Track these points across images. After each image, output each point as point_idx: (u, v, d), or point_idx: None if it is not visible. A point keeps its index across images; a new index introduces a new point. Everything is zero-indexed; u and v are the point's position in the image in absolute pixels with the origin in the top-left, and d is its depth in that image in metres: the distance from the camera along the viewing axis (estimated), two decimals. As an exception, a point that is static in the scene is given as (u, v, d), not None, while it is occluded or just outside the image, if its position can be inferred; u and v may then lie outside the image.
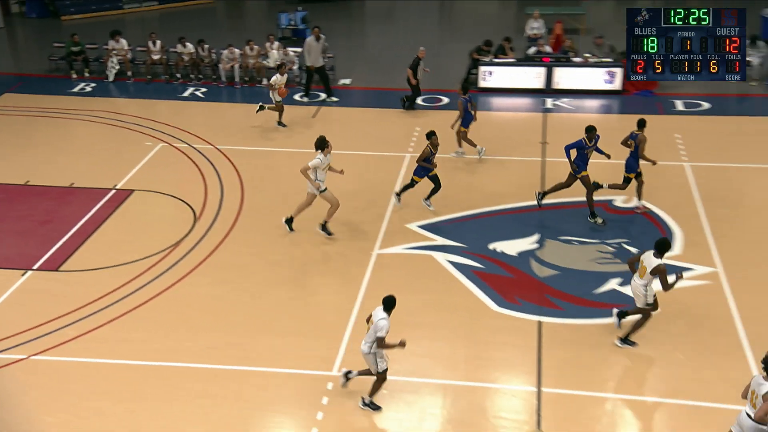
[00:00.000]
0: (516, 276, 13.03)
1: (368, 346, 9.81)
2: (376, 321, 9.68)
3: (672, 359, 10.88)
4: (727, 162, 16.21)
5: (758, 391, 8.37)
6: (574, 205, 14.98)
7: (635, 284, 10.90)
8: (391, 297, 9.79)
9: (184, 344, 11.47)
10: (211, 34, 24.59)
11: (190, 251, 13.84)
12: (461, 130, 16.85)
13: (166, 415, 10.17)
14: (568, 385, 10.50)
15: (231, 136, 18.65)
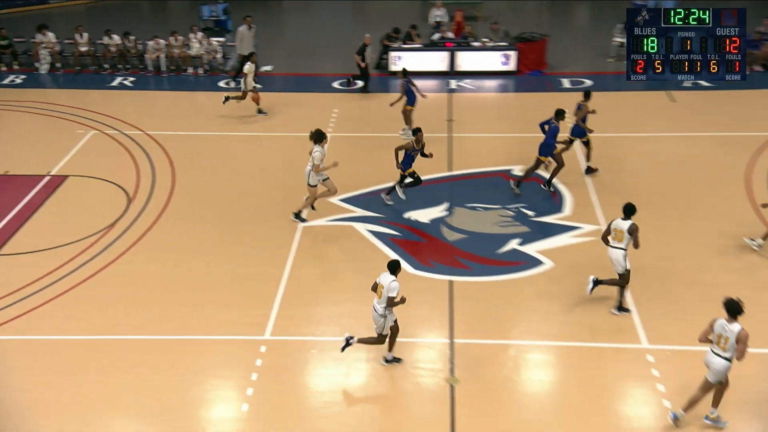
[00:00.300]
0: (429, 241, 13.15)
1: (382, 308, 9.76)
2: (388, 284, 9.62)
3: (565, 308, 11.21)
4: (609, 132, 16.70)
5: (726, 334, 8.49)
6: (479, 176, 15.20)
7: (616, 252, 10.81)
8: (395, 261, 9.85)
9: (122, 319, 11.13)
10: (137, 26, 23.63)
11: (124, 232, 13.39)
12: (407, 108, 16.78)
13: (109, 384, 9.87)
14: (477, 335, 10.71)
15: (160, 121, 18.05)
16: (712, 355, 8.67)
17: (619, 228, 10.79)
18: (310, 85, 20.56)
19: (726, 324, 8.52)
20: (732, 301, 8.52)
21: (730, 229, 12.76)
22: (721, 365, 8.59)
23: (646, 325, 10.62)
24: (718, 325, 8.62)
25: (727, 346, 8.50)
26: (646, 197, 14.04)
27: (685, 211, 13.46)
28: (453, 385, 9.77)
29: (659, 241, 12.58)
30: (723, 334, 8.52)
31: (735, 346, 8.44)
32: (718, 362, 8.61)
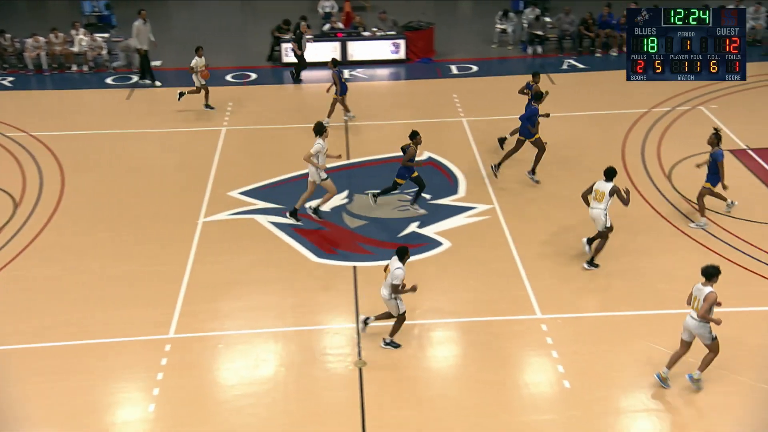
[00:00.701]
0: (331, 229, 13.11)
1: (388, 292, 9.75)
2: (393, 270, 9.60)
3: (464, 286, 11.49)
4: (496, 115, 17.18)
5: (699, 296, 8.82)
6: (377, 162, 15.29)
7: (596, 211, 11.23)
8: (404, 247, 9.76)
9: (18, 327, 10.49)
10: (14, 24, 22.13)
11: (12, 237, 12.59)
12: (338, 98, 16.66)
13: (9, 396, 9.29)
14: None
15: (45, 122, 17.04)
16: (688, 317, 9.03)
17: (600, 189, 11.25)
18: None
19: (701, 286, 8.88)
20: (708, 266, 8.86)
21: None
22: (692, 325, 8.95)
23: (538, 297, 11.04)
24: (695, 288, 8.99)
25: (698, 306, 8.86)
26: (538, 170, 14.54)
27: (571, 187, 14.04)
28: (361, 368, 9.83)
29: (547, 215, 13.08)
30: (697, 296, 8.88)
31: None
32: (689, 322, 8.98)
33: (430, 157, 15.40)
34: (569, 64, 20.00)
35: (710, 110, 16.48)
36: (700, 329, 8.93)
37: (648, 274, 11.46)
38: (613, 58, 20.24)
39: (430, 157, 15.41)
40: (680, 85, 17.61)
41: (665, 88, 17.57)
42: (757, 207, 12.94)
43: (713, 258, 11.61)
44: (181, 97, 17.44)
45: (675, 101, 17.03)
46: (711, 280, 8.82)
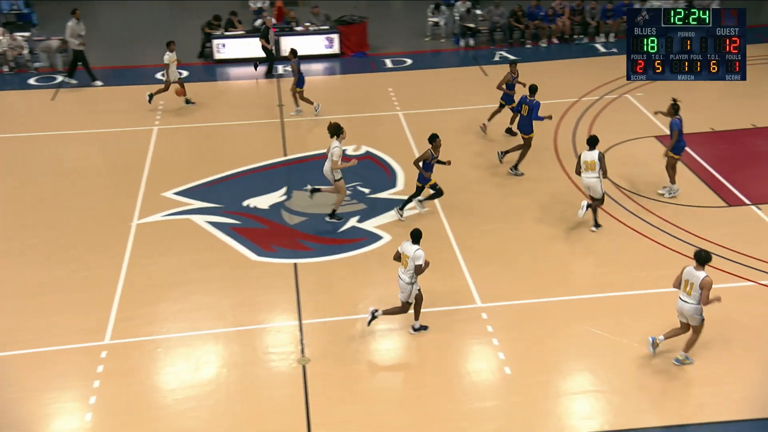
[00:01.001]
0: (270, 227, 12.94)
1: (409, 277, 9.77)
2: (413, 252, 9.67)
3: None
4: (430, 108, 17.28)
5: (692, 280, 8.96)
6: (315, 158, 15.17)
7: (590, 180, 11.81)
8: (417, 230, 9.84)
9: (-59, 343, 9.97)
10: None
11: (-66, 248, 11.96)
12: (296, 90, 16.51)
13: (-69, 417, 8.81)
14: (325, 314, 10.73)
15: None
16: (681, 301, 9.20)
17: (589, 159, 11.69)
18: (131, 78, 19.40)
19: (693, 271, 9.03)
20: (701, 251, 9.06)
21: (545, 192, 13.68)
22: (690, 309, 9.13)
23: (478, 286, 11.16)
24: (686, 272, 9.13)
25: (692, 291, 9.02)
26: (471, 165, 14.69)
27: (507, 177, 14.22)
28: (305, 365, 9.74)
29: (485, 206, 13.24)
30: (689, 281, 9.04)
31: (699, 291, 8.96)
32: (687, 307, 9.15)
33: (368, 152, 15.38)
34: (501, 55, 20.27)
35: (636, 98, 16.97)
36: (695, 312, 9.14)
37: (584, 260, 11.73)
38: (543, 49, 20.62)
39: (368, 152, 15.38)
40: (607, 74, 18.08)
41: (593, 78, 18.01)
42: (683, 190, 13.38)
43: (645, 242, 11.99)
44: (150, 99, 17.02)
45: (603, 90, 17.47)
46: (704, 265, 9.00)
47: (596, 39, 20.82)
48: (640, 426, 8.66)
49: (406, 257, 9.86)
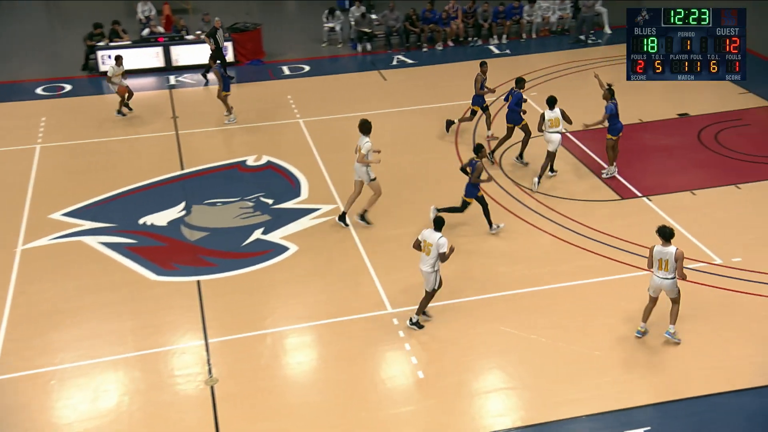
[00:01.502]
0: (169, 244, 12.57)
1: (431, 265, 9.92)
2: (437, 240, 9.78)
3: (313, 289, 11.46)
4: (332, 114, 17.30)
5: (666, 257, 9.32)
6: (214, 170, 14.88)
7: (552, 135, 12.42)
8: (440, 217, 9.91)
9: None
10: None
11: None
12: (225, 94, 16.30)
13: None
14: (231, 331, 10.52)
15: None
16: (659, 279, 9.56)
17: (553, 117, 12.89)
18: (8, 94, 18.39)
19: (663, 248, 9.41)
20: (664, 227, 9.40)
21: (450, 193, 13.96)
22: (670, 284, 9.54)
23: (388, 292, 11.25)
24: (656, 251, 9.48)
25: (669, 267, 9.41)
26: (376, 170, 14.79)
27: (411, 180, 14.46)
28: (212, 386, 9.51)
29: (391, 211, 13.36)
30: (663, 258, 9.40)
31: (675, 265, 9.37)
32: (668, 283, 9.53)
33: (270, 161, 15.22)
34: (398, 59, 20.57)
35: (531, 97, 17.61)
36: (674, 286, 9.63)
37: (489, 258, 12.04)
38: (439, 52, 21.07)
39: (269, 161, 15.23)
40: (502, 75, 18.70)
41: (489, 79, 18.56)
42: (579, 186, 14.01)
43: (546, 238, 12.45)
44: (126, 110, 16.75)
45: (499, 91, 18.03)
46: (670, 239, 9.45)
47: (490, 41, 21.47)
48: (555, 419, 8.95)
49: (429, 245, 9.97)
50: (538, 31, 21.88)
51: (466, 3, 21.52)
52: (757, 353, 9.86)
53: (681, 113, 16.55)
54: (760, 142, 15.08)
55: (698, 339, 10.09)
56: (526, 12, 21.56)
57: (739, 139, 15.26)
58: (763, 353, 9.87)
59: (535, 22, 21.70)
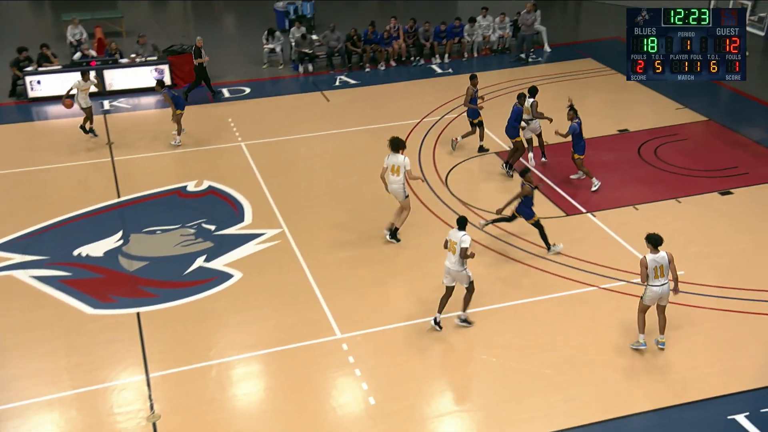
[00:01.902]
0: (107, 275, 12.28)
1: (460, 263, 10.41)
2: (460, 237, 10.27)
3: (259, 317, 11.33)
4: (275, 137, 17.25)
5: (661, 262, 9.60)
6: (152, 197, 14.63)
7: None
8: (463, 216, 10.52)
9: None
10: None
11: None
12: (177, 113, 16.28)
13: None
14: (173, 364, 10.30)
15: None
16: (659, 287, 9.76)
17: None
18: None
19: (655, 256, 9.64)
20: (652, 235, 9.68)
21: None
22: (668, 290, 9.85)
23: (336, 316, 11.21)
24: (650, 261, 9.65)
25: (665, 272, 9.67)
26: (319, 193, 14.82)
27: (357, 201, 14.49)
28: (155, 422, 9.27)
29: (337, 233, 13.36)
30: (658, 265, 9.64)
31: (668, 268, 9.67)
32: (667, 288, 9.80)
33: (211, 186, 15.06)
34: (341, 80, 20.68)
35: (475, 116, 17.94)
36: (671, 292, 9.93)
37: (437, 279, 12.10)
38: (381, 72, 21.28)
39: (210, 186, 15.06)
40: (446, 94, 19.00)
41: (433, 98, 18.84)
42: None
43: (492, 256, 12.61)
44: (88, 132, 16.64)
45: (443, 110, 18.31)
46: (659, 245, 9.66)
47: (432, 60, 21.81)
48: (506, 438, 9.04)
49: (454, 243, 10.38)
50: (480, 50, 22.33)
51: (408, 22, 21.84)
52: (704, 364, 10.17)
53: (621, 129, 17.08)
54: (697, 156, 15.67)
55: (646, 354, 10.35)
56: (467, 31, 21.99)
57: (677, 153, 15.83)
58: (711, 364, 10.19)
59: (476, 41, 22.16)
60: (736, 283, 11.65)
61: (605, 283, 11.84)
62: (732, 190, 14.33)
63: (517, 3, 22.79)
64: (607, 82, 19.79)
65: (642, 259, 9.86)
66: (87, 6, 25.88)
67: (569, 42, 23.04)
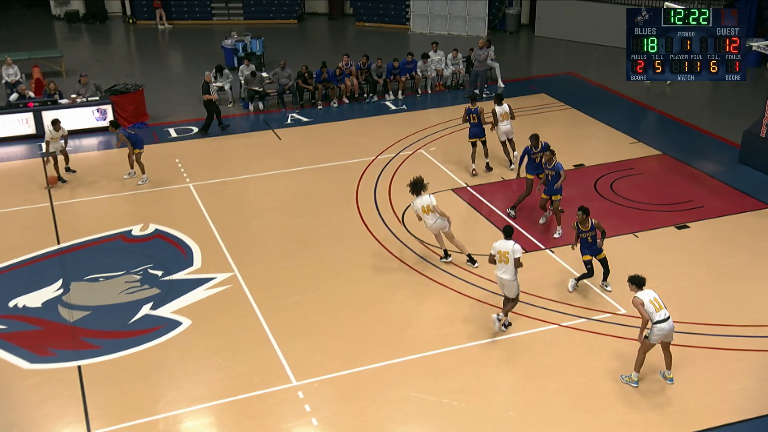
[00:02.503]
0: (45, 327, 11.93)
1: (513, 273, 10.80)
2: (512, 247, 10.81)
3: (210, 365, 11.11)
4: (225, 177, 17.13)
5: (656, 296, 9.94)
6: (95, 242, 14.33)
7: None
8: (509, 226, 10.97)
9: None
10: None
11: None
12: (136, 152, 16.38)
13: None
14: (117, 419, 10.00)
15: None
16: (665, 322, 9.96)
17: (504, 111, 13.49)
18: None
19: (647, 294, 10.00)
20: (635, 277, 10.11)
21: (356, 250, 14.03)
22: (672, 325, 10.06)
23: (291, 363, 11.05)
24: (646, 299, 9.94)
25: (662, 303, 10.03)
26: (272, 234, 14.71)
27: (311, 241, 14.42)
28: (99, 484, 8.94)
29: (291, 275, 13.25)
30: (652, 298, 9.99)
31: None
32: (671, 322, 10.03)
33: (158, 230, 14.84)
34: (293, 118, 20.74)
35: (430, 152, 18.14)
36: None
37: (396, 320, 12.09)
38: (334, 109, 21.42)
39: (157, 230, 14.84)
40: (400, 131, 19.22)
41: (387, 135, 19.03)
42: (481, 240, 14.39)
43: (452, 296, 12.64)
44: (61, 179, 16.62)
45: (398, 147, 18.47)
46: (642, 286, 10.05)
47: (386, 97, 22.06)
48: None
49: (505, 253, 10.84)
50: (433, 86, 22.70)
51: (360, 59, 22.11)
52: (669, 402, 10.28)
53: (577, 164, 17.45)
54: (653, 190, 16.08)
55: (614, 393, 10.43)
56: (420, 67, 22.36)
57: (633, 188, 16.22)
58: (675, 402, 10.30)
59: (430, 77, 22.53)
60: (695, 318, 11.88)
61: (566, 320, 11.95)
62: (688, 224, 14.71)
63: (471, 39, 23.29)
64: (560, 117, 20.28)
65: (634, 299, 10.05)
66: (24, 45, 25.59)
67: (522, 77, 23.60)
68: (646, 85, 22.32)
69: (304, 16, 31.16)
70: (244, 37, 24.92)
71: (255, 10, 30.40)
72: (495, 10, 28.61)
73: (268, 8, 30.44)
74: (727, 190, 16.10)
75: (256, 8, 30.43)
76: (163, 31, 29.58)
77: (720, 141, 18.64)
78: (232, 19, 30.37)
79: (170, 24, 29.92)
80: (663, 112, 20.51)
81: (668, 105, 20.95)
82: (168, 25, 29.83)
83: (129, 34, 29.84)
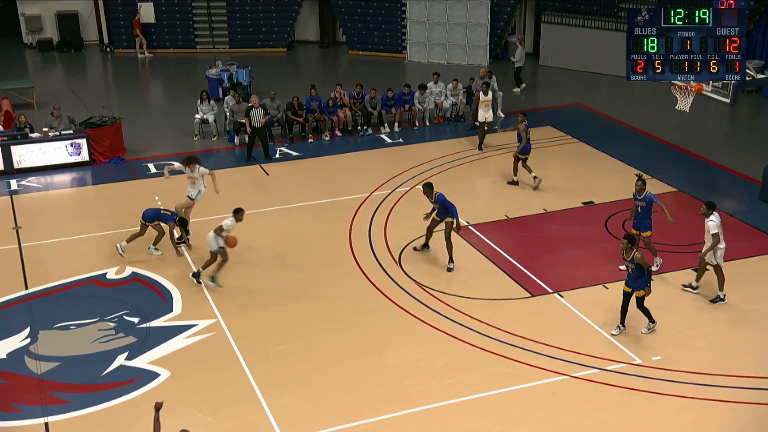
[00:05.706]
0: (10, 380, 11.88)
1: None
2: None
3: (191, 421, 11.01)
4: (206, 215, 17.11)
5: None
6: (67, 287, 14.31)
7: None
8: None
9: None
10: None
11: None
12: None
13: None
14: (90, 481, 9.87)
15: None
16: None
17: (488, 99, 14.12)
18: None
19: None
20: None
21: (349, 294, 14.03)
22: None
23: (278, 418, 10.99)
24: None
25: None
26: (258, 277, 14.71)
27: (301, 285, 14.42)
28: None
29: (279, 322, 13.23)
30: None
31: None
32: None
33: (135, 273, 14.85)
34: (282, 152, 20.88)
35: (428, 190, 18.25)
36: None
37: (391, 370, 12.05)
38: (326, 143, 21.58)
39: (134, 273, 14.86)
40: (396, 166, 19.36)
41: (383, 170, 19.16)
42: (484, 283, 14.42)
43: (453, 343, 12.62)
44: None
45: (394, 183, 18.59)
46: None
47: (381, 129, 22.25)
48: None
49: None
50: (432, 119, 22.91)
51: (354, 88, 22.33)
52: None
53: (585, 201, 17.57)
54: (669, 230, 16.14)
55: (625, 447, 10.38)
56: (417, 98, 22.59)
57: (647, 227, 16.30)
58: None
59: (428, 108, 22.75)
60: (718, 369, 11.86)
61: (577, 371, 11.92)
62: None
63: (471, 69, 23.60)
64: (568, 151, 20.47)
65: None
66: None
67: (527, 109, 23.87)
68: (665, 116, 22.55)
69: (293, 44, 31.59)
70: (229, 67, 25.20)
71: (241, 38, 30.81)
72: (497, 38, 29.05)
73: (255, 36, 30.85)
74: (748, 230, 16.20)
75: (242, 36, 30.84)
76: (143, 60, 29.91)
77: (738, 177, 18.81)
78: (217, 48, 30.75)
79: (151, 53, 30.25)
80: (677, 146, 20.70)
81: (682, 138, 21.16)
82: (148, 53, 30.16)
83: (106, 64, 30.16)
